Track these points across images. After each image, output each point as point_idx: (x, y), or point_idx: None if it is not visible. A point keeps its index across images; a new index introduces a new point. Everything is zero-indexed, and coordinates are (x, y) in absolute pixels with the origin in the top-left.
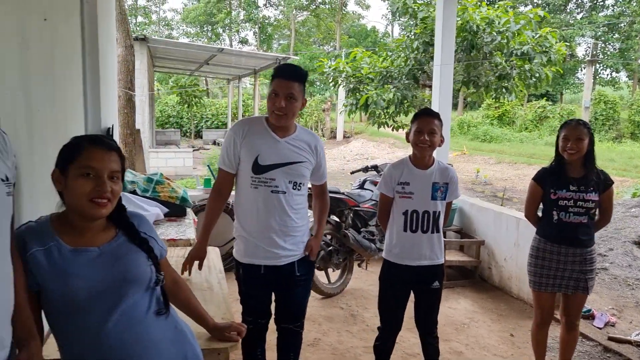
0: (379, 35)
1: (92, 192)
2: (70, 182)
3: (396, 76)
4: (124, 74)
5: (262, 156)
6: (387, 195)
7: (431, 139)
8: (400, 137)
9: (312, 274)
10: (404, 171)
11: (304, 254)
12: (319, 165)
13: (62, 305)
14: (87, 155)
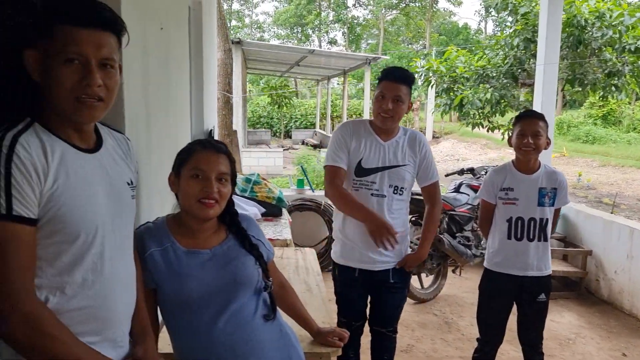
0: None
1: (200, 192)
2: (182, 183)
3: (493, 75)
4: (223, 77)
5: (365, 159)
6: (489, 202)
7: (535, 141)
8: (493, 138)
9: (407, 282)
10: (507, 176)
11: (396, 266)
12: (422, 162)
13: (176, 304)
14: (197, 157)
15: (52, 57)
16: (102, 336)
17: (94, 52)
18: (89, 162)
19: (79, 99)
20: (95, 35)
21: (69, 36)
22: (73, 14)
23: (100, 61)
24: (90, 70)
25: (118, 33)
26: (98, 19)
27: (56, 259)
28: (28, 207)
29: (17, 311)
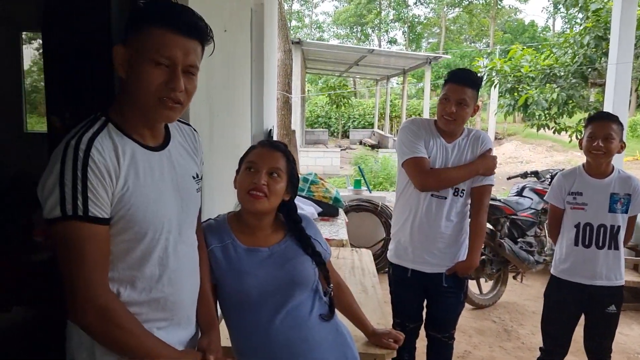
0: (537, 30)
1: (250, 184)
2: (239, 177)
3: (561, 75)
4: (282, 77)
5: (430, 159)
6: (557, 206)
7: (607, 145)
8: (559, 140)
9: (462, 287)
10: (575, 180)
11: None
12: None
13: (235, 300)
14: (253, 153)
15: (141, 56)
16: (170, 321)
17: (182, 58)
18: (157, 159)
19: (161, 99)
20: (186, 43)
21: (162, 39)
22: (171, 18)
23: (185, 67)
24: (177, 75)
25: (203, 42)
26: (193, 28)
27: (126, 255)
28: (102, 208)
29: (92, 304)
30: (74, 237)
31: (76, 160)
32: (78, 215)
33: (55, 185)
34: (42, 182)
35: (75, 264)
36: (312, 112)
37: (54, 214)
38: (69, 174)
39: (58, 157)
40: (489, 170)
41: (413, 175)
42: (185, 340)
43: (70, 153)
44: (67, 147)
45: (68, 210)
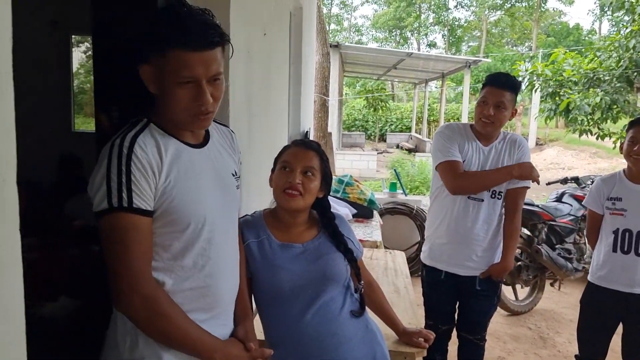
0: (583, 33)
1: (285, 183)
2: (275, 176)
3: (605, 79)
4: (320, 80)
5: (466, 162)
6: (595, 211)
7: None
8: (604, 147)
9: (496, 290)
10: (615, 185)
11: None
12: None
13: (269, 293)
14: (287, 152)
15: (167, 76)
16: (210, 314)
17: (204, 72)
18: (198, 156)
19: (192, 115)
20: (204, 56)
21: (182, 60)
22: (185, 38)
23: (209, 79)
24: (202, 90)
25: (224, 45)
26: (207, 42)
27: (170, 245)
28: (145, 200)
29: (137, 292)
30: (119, 228)
31: (120, 157)
32: (123, 206)
33: (102, 181)
34: (91, 179)
35: (120, 253)
36: (349, 115)
37: (101, 206)
38: (114, 169)
39: (105, 155)
40: (524, 175)
41: (446, 178)
42: (223, 337)
43: (116, 150)
44: (112, 145)
45: (114, 203)
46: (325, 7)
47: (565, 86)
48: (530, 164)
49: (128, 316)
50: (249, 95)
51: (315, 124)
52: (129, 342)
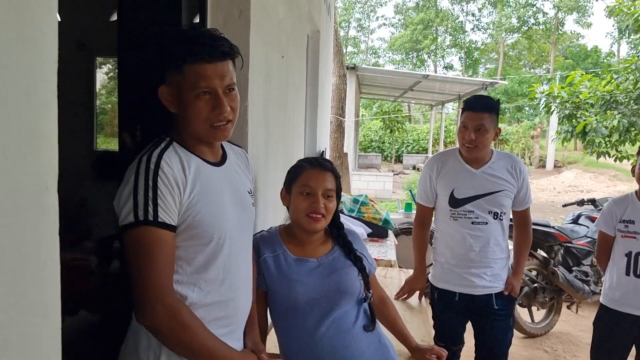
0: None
1: (309, 208)
2: (292, 199)
3: (622, 101)
4: (336, 101)
5: (457, 190)
6: (607, 233)
7: None
8: (623, 169)
9: (512, 309)
10: (627, 208)
11: (504, 292)
12: (520, 188)
13: (285, 306)
14: (306, 175)
15: (186, 92)
16: (229, 328)
17: (219, 83)
18: (218, 173)
19: (212, 125)
20: (218, 68)
21: (198, 73)
22: (199, 52)
23: (224, 89)
24: (220, 100)
25: (234, 58)
26: (219, 53)
27: (193, 259)
28: (170, 215)
29: (161, 303)
30: (144, 241)
31: (148, 172)
32: (149, 220)
33: (129, 195)
34: (118, 194)
35: (145, 266)
36: (365, 136)
37: (128, 220)
38: (141, 184)
39: (132, 171)
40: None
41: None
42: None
43: (143, 166)
44: (140, 161)
45: (140, 216)
46: (343, 29)
47: (582, 108)
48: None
49: (151, 327)
50: (266, 115)
51: (332, 144)
52: (152, 356)
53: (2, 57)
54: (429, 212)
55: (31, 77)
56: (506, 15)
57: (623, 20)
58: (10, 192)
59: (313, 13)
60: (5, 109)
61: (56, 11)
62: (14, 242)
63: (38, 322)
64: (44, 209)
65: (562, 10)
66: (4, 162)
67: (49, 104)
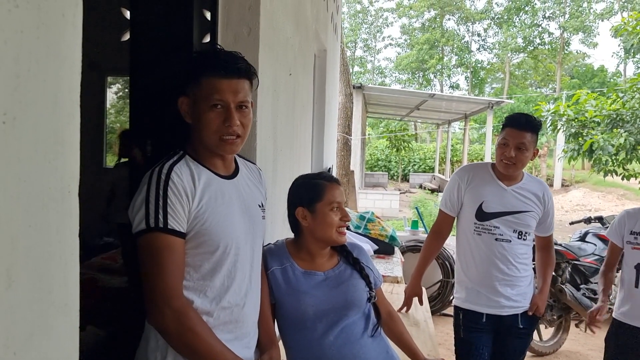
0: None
1: (339, 222)
2: (319, 217)
3: (628, 119)
4: (343, 120)
5: (486, 203)
6: (616, 244)
7: None
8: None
9: (535, 327)
10: (638, 221)
11: (529, 312)
12: (547, 215)
13: (293, 318)
14: (330, 192)
15: (200, 103)
16: (234, 334)
17: (232, 98)
18: (228, 186)
19: (221, 138)
20: (233, 84)
21: (214, 86)
22: (217, 67)
23: (237, 104)
24: (231, 113)
25: (250, 78)
26: (236, 70)
27: (200, 266)
28: (179, 222)
29: (169, 306)
30: (155, 247)
31: (159, 182)
32: (159, 227)
33: (142, 204)
34: (132, 203)
35: (155, 270)
36: (372, 155)
37: (140, 227)
38: (152, 193)
39: (145, 181)
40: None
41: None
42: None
43: (155, 177)
44: (152, 173)
45: (151, 223)
46: (350, 49)
47: (588, 127)
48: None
49: (159, 329)
50: (274, 131)
51: (338, 162)
52: (159, 357)
53: (32, 68)
54: (450, 222)
55: (57, 88)
56: (512, 35)
57: (628, 40)
58: (37, 195)
59: (320, 32)
60: (34, 117)
61: (80, 28)
62: (40, 242)
63: (60, 319)
64: (67, 211)
65: (568, 30)
66: (32, 166)
67: (73, 113)
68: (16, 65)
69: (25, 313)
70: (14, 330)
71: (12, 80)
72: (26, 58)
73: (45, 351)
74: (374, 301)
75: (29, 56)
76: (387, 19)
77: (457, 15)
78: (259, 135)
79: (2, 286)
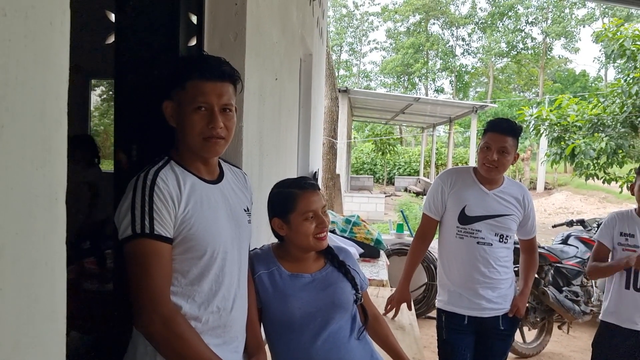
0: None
1: (316, 229)
2: (294, 227)
3: (609, 124)
4: (328, 123)
5: (469, 207)
6: (605, 244)
7: None
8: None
9: (516, 329)
10: (628, 222)
11: (510, 314)
12: (527, 218)
13: (280, 321)
14: (304, 201)
15: (185, 106)
16: (222, 339)
17: (216, 100)
18: (213, 191)
19: (206, 139)
20: (217, 87)
21: (198, 88)
22: (201, 70)
23: (221, 107)
24: (215, 116)
25: (234, 82)
26: (220, 73)
27: (188, 271)
28: (166, 228)
29: (157, 312)
30: (142, 253)
31: (144, 188)
32: (145, 233)
33: (127, 210)
34: (118, 209)
35: (142, 276)
36: (357, 158)
37: (126, 233)
38: (138, 199)
39: (131, 188)
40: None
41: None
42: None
43: (140, 183)
44: (137, 179)
45: (137, 229)
46: (335, 53)
47: (570, 131)
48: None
49: (147, 334)
50: (260, 136)
51: (324, 165)
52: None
53: (20, 76)
54: (434, 225)
55: (45, 95)
56: (495, 40)
57: (609, 46)
58: (25, 202)
59: (306, 37)
60: (22, 124)
61: (68, 35)
62: (27, 249)
63: (46, 326)
64: (54, 218)
65: (550, 35)
66: (20, 173)
67: (60, 120)
68: (4, 73)
69: (11, 321)
70: (0, 338)
71: (0, 89)
72: (14, 66)
73: (32, 359)
74: (360, 302)
75: (17, 64)
76: (373, 23)
77: (442, 20)
78: (245, 140)
79: None
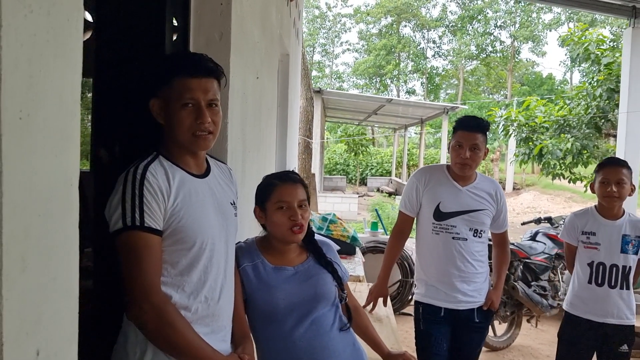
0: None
1: (288, 221)
2: (269, 216)
3: (575, 125)
4: (304, 123)
5: (443, 203)
6: (571, 243)
7: (619, 190)
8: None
9: (489, 321)
10: (588, 220)
11: (484, 307)
12: (500, 212)
13: (264, 312)
14: (279, 191)
15: (172, 103)
16: (211, 328)
17: (203, 96)
18: (201, 185)
19: (194, 134)
20: (203, 82)
21: (184, 85)
22: (187, 67)
23: (207, 102)
24: (202, 111)
25: (218, 78)
26: (205, 69)
27: (178, 262)
28: (156, 220)
29: (148, 302)
30: (133, 245)
31: (134, 182)
32: (136, 225)
33: (118, 203)
34: (108, 203)
35: (134, 268)
36: (330, 159)
37: (117, 226)
38: (128, 193)
39: (121, 182)
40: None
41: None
42: (223, 352)
43: (130, 177)
44: (127, 173)
45: (128, 222)
46: (308, 54)
47: (537, 132)
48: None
49: (138, 324)
50: (244, 133)
51: (300, 164)
52: (139, 352)
53: (43, 69)
54: (410, 222)
55: (62, 87)
56: (465, 43)
57: (574, 50)
58: (45, 186)
59: (283, 37)
60: (44, 114)
61: (82, 31)
62: (48, 230)
63: (63, 303)
64: (70, 203)
65: (518, 39)
66: (42, 159)
67: (74, 110)
68: (30, 66)
69: (35, 297)
70: (26, 312)
71: (26, 80)
72: (38, 60)
73: (51, 333)
74: (345, 302)
75: (40, 58)
76: (345, 25)
77: (413, 22)
78: (229, 137)
79: (17, 270)
